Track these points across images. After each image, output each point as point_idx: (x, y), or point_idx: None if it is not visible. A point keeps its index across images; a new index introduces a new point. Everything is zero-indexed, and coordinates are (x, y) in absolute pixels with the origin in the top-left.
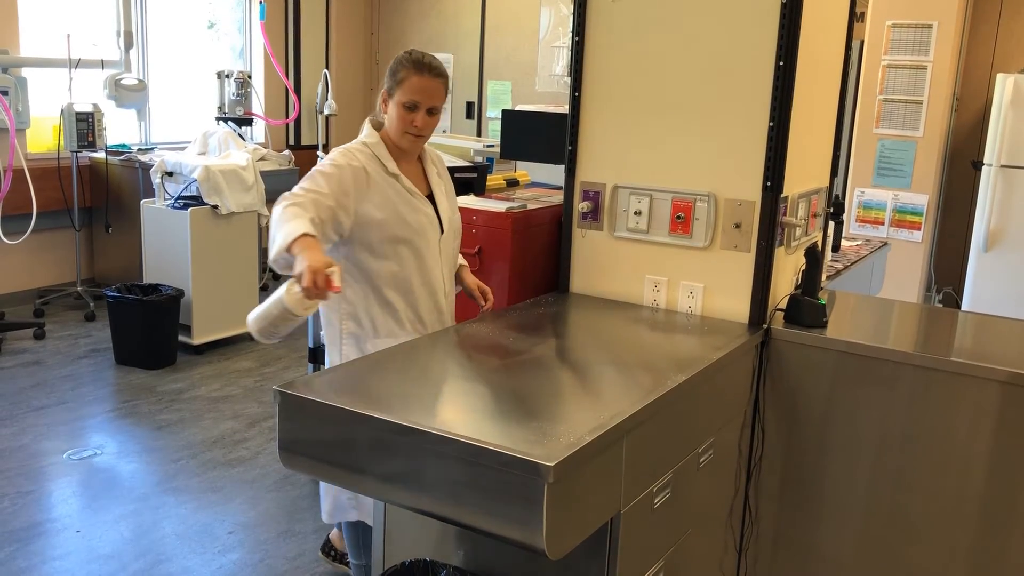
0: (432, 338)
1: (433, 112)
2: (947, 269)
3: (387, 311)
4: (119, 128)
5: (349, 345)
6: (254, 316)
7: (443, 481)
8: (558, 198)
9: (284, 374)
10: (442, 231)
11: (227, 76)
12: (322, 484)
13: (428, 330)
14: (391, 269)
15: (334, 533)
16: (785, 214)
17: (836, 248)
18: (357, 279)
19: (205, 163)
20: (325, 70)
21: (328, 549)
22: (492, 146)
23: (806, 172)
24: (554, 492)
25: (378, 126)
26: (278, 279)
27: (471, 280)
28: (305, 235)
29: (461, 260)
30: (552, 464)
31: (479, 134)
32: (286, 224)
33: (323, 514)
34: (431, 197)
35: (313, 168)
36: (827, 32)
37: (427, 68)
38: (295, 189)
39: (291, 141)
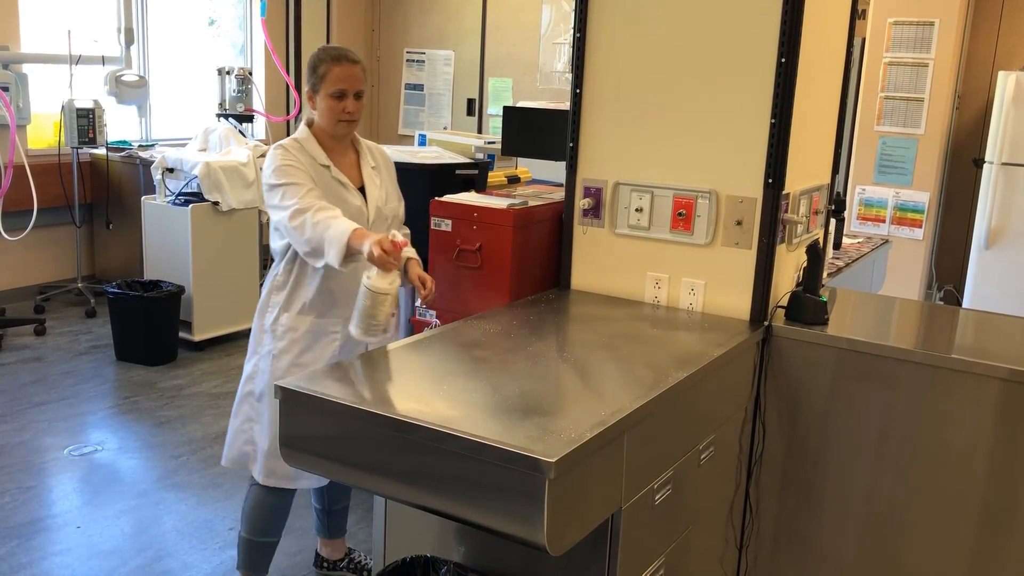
0: (433, 335)
1: (359, 96)
2: (948, 267)
3: (312, 291)
4: (120, 124)
5: (271, 314)
6: (355, 322)
7: (444, 477)
8: (559, 195)
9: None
10: (369, 221)
11: (228, 72)
12: (229, 432)
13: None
14: None
15: (319, 546)
16: (786, 211)
17: (837, 245)
18: (290, 259)
19: (206, 159)
20: None
21: (320, 562)
22: (493, 143)
23: (807, 169)
24: (555, 488)
25: (309, 124)
26: None
27: (413, 272)
28: (353, 230)
29: (411, 253)
30: (553, 460)
31: (480, 131)
32: (327, 231)
33: (257, 474)
34: (363, 189)
35: (271, 174)
36: (829, 29)
37: (345, 58)
38: (290, 201)
39: None
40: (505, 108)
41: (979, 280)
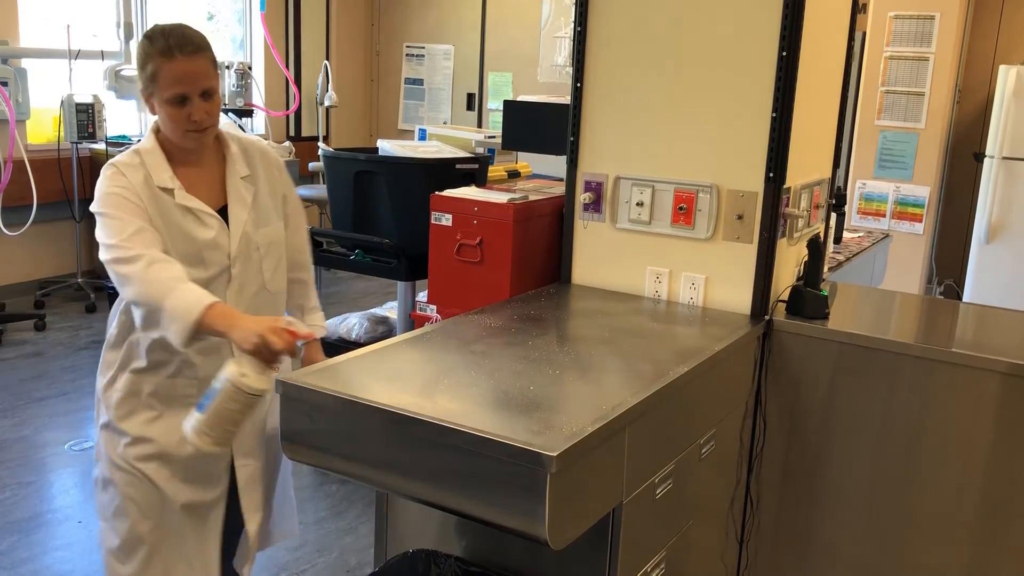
0: (433, 329)
1: (209, 95)
2: (948, 261)
3: (159, 342)
4: (119, 119)
5: (106, 376)
6: (201, 425)
7: (445, 471)
8: (560, 189)
9: (285, 365)
10: (231, 257)
11: (227, 67)
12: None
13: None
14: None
15: None
16: (787, 205)
17: (838, 240)
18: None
19: None
20: (326, 61)
21: None
22: (493, 137)
23: (808, 163)
24: (556, 482)
25: (156, 130)
26: None
27: (309, 356)
28: (207, 308)
29: (318, 322)
30: (554, 454)
31: (480, 125)
32: (166, 300)
33: None
34: (225, 211)
35: (95, 200)
36: (830, 23)
37: (179, 50)
38: (112, 240)
39: (291, 132)
40: (505, 102)
41: (979, 274)
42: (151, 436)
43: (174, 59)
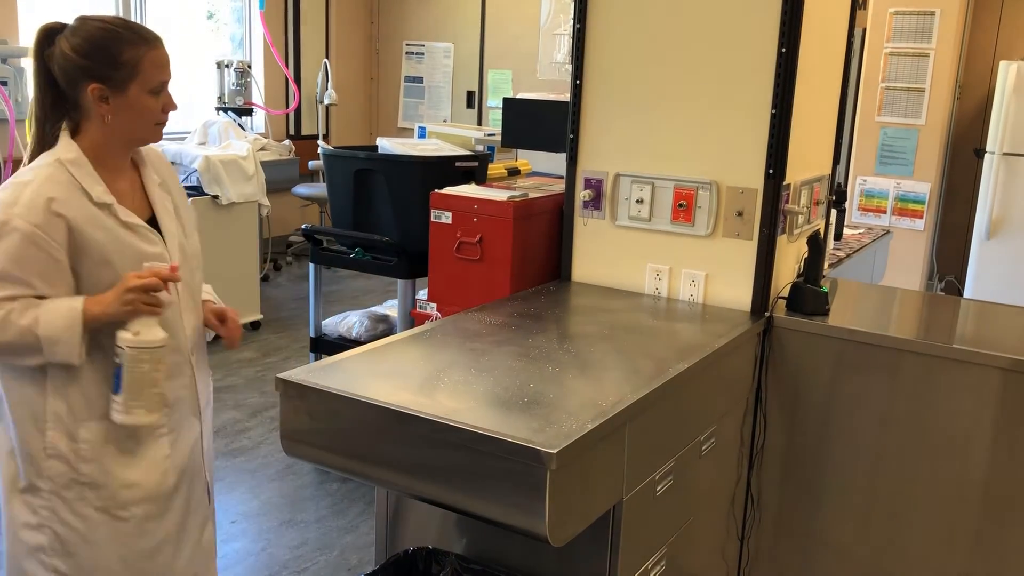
0: (433, 327)
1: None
2: (949, 257)
3: (100, 378)
4: None
5: (56, 431)
6: (128, 403)
7: (446, 468)
8: (559, 187)
9: (286, 364)
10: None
11: (227, 66)
12: None
13: (175, 411)
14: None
15: None
16: (787, 202)
17: (838, 236)
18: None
19: (205, 153)
20: (325, 60)
21: None
22: (493, 135)
23: (808, 160)
24: (557, 480)
25: (74, 131)
26: (279, 269)
27: (207, 309)
28: (83, 301)
29: (205, 290)
30: (554, 451)
31: (480, 123)
32: (38, 327)
33: None
34: (154, 221)
35: None
36: (829, 19)
37: (156, 37)
38: None
39: (291, 131)
40: (505, 100)
41: (980, 270)
42: (135, 481)
43: (155, 46)
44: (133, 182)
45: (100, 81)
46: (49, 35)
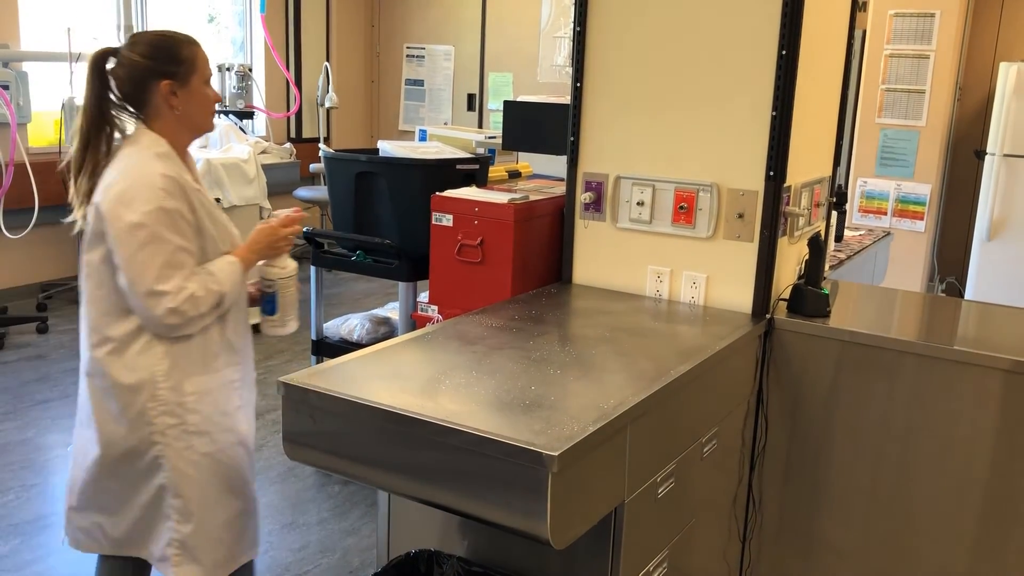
0: (434, 329)
1: None
2: (950, 259)
3: (212, 342)
4: None
5: (160, 385)
6: (289, 317)
7: (447, 471)
8: (560, 189)
9: (288, 366)
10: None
11: (228, 69)
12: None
13: (242, 359)
14: None
15: None
16: (788, 204)
17: (839, 238)
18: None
19: (206, 156)
20: (326, 63)
21: None
22: (494, 137)
23: (809, 162)
24: (558, 482)
25: (149, 125)
26: None
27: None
28: (227, 257)
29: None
30: (556, 454)
31: (480, 126)
32: (212, 279)
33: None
34: None
35: (136, 234)
36: (829, 21)
37: (196, 39)
38: (157, 283)
39: (292, 134)
40: (506, 103)
41: (981, 272)
42: (225, 426)
43: (200, 45)
44: (192, 171)
45: (168, 77)
46: (105, 55)
